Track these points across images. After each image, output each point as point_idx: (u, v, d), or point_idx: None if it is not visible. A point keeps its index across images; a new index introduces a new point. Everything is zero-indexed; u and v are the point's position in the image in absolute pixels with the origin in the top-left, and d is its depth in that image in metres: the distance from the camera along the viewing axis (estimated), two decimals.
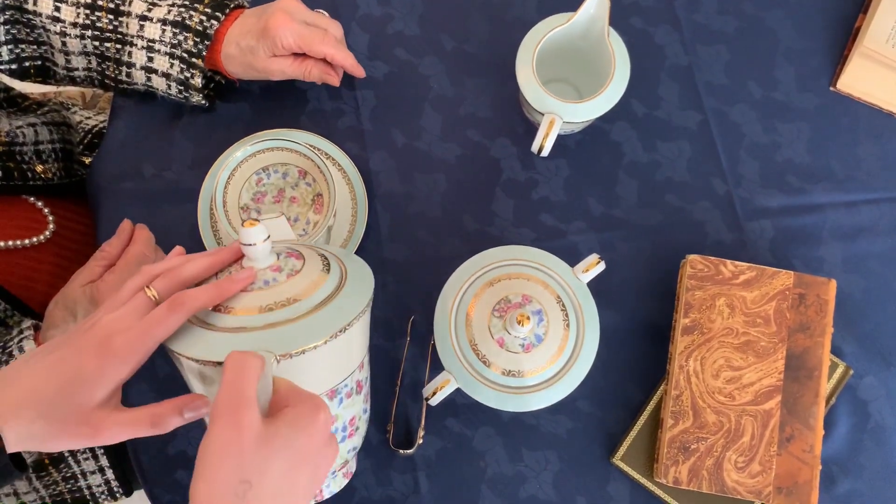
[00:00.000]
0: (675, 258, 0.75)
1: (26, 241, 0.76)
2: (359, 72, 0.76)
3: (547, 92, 0.70)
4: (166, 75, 0.74)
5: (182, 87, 0.74)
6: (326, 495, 0.61)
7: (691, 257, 0.72)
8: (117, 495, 0.93)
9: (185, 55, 0.72)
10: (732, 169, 0.78)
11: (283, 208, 0.73)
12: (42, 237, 0.77)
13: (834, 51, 0.81)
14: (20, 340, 0.65)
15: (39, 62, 0.77)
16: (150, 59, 0.73)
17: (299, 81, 0.79)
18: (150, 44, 0.72)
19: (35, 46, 0.76)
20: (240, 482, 0.43)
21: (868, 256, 0.76)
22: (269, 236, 0.54)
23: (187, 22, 0.71)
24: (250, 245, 0.54)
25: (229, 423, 0.44)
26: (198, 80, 0.73)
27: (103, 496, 0.92)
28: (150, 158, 0.79)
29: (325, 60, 0.74)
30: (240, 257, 0.56)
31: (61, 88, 1.11)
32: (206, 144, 0.79)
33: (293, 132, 0.77)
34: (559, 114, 0.69)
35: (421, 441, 0.72)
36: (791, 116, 0.79)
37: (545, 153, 0.71)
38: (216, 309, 0.53)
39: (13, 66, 0.77)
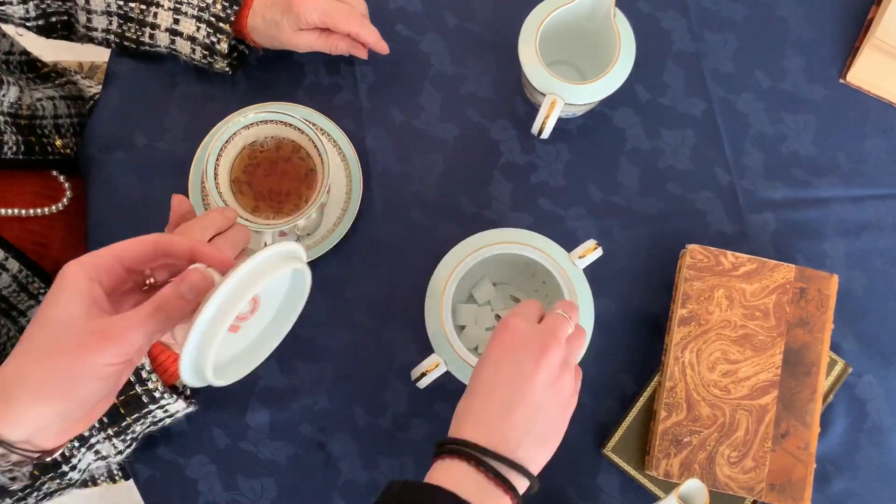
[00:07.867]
0: (674, 247, 0.74)
1: (45, 210, 0.75)
2: (383, 48, 0.74)
3: (549, 72, 0.68)
4: (192, 38, 0.72)
5: (207, 52, 0.73)
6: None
7: (691, 247, 0.70)
8: (116, 478, 0.92)
9: (213, 19, 0.71)
10: (736, 159, 0.76)
11: (274, 182, 0.71)
12: (57, 206, 0.77)
13: (845, 42, 0.79)
14: None
15: (65, 17, 0.76)
16: (177, 22, 0.72)
17: (297, 53, 0.77)
18: (178, 5, 0.71)
19: (60, 2, 0.75)
20: None
21: (871, 253, 0.75)
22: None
23: None
24: None
25: None
26: (223, 46, 0.72)
27: (102, 478, 0.91)
28: (143, 128, 0.77)
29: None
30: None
31: (61, 59, 1.10)
32: (200, 115, 0.77)
33: (289, 106, 0.75)
34: (561, 95, 0.68)
35: (409, 425, 0.71)
36: (798, 108, 0.78)
37: (545, 135, 0.69)
38: None
39: (40, 23, 0.76)
